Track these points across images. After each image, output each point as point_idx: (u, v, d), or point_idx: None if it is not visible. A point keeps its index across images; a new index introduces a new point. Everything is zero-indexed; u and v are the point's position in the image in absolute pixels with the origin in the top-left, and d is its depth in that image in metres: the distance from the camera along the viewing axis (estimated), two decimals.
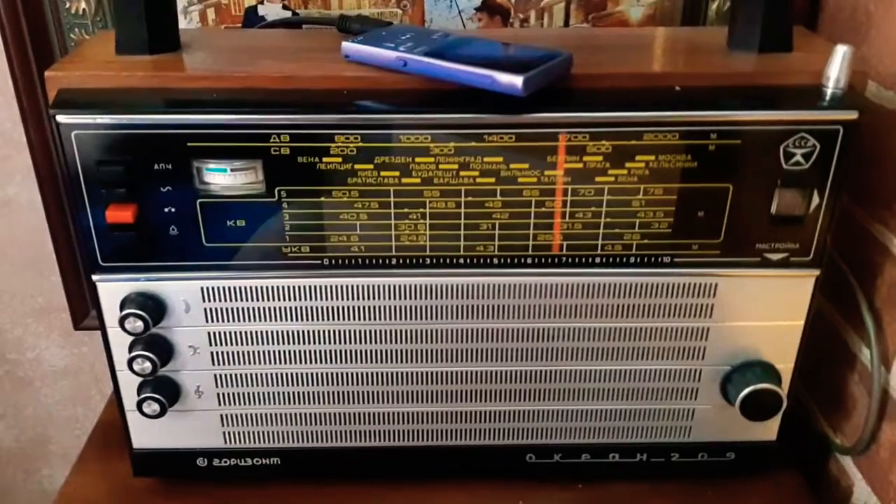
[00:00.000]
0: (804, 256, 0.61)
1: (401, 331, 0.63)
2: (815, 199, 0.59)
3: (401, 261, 0.61)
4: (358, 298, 0.62)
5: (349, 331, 0.63)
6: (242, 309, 0.62)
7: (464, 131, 0.56)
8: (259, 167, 0.57)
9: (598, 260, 0.61)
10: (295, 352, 0.64)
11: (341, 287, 0.61)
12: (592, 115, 0.55)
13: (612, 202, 0.58)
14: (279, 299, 0.62)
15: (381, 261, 0.61)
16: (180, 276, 0.60)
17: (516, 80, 0.52)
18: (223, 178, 0.57)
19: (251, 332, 0.63)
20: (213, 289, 0.61)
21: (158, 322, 0.61)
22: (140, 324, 0.60)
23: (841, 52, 0.55)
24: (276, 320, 0.62)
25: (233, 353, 0.64)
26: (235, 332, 0.63)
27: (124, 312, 0.60)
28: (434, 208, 0.59)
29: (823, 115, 0.56)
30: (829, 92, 0.56)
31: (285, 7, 0.78)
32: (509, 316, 0.63)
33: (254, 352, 0.64)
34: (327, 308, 0.62)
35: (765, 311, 0.63)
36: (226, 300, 0.62)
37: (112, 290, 0.61)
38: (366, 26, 0.64)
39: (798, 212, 0.59)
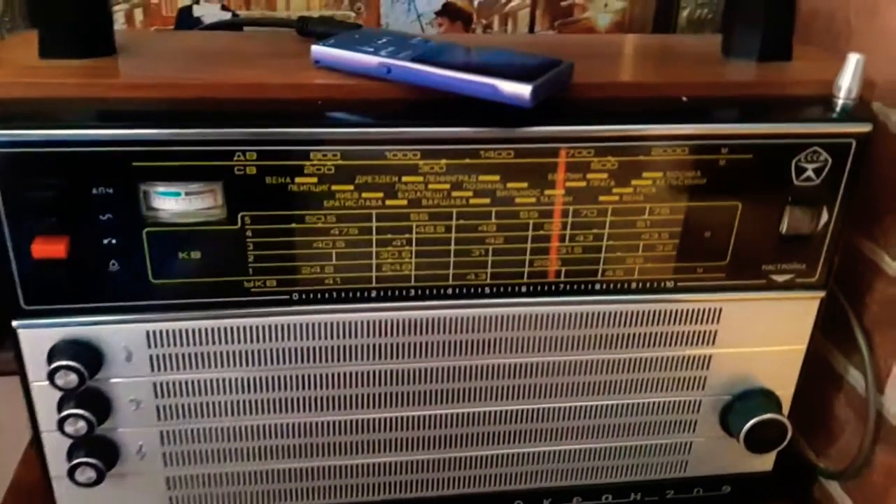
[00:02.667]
0: (810, 278, 0.57)
1: (379, 372, 0.56)
2: (825, 217, 0.55)
3: (381, 293, 0.53)
4: (331, 337, 0.54)
5: (321, 375, 0.55)
6: (195, 355, 0.53)
7: (458, 146, 0.49)
8: (219, 190, 0.49)
9: (598, 287, 0.55)
10: (257, 401, 0.55)
11: (312, 325, 0.54)
12: (601, 128, 0.50)
13: (616, 223, 0.53)
14: (240, 342, 0.53)
15: (358, 294, 0.53)
16: (122, 318, 0.51)
17: (523, 90, 0.46)
18: (176, 204, 0.49)
19: (205, 381, 0.54)
20: (160, 332, 0.52)
21: (95, 373, 0.52)
22: (73, 377, 0.50)
23: (853, 60, 0.52)
24: (235, 366, 0.54)
25: (183, 405, 0.55)
26: (186, 382, 0.54)
27: (54, 365, 0.50)
28: (421, 233, 0.52)
29: (837, 128, 0.52)
30: (840, 103, 0.53)
31: (224, 8, 0.70)
32: (501, 350, 0.56)
33: (208, 403, 0.55)
34: (296, 350, 0.54)
35: (768, 336, 0.59)
36: (176, 345, 0.53)
37: (38, 337, 0.51)
38: (331, 29, 0.56)
39: (807, 230, 0.55)
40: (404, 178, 0.50)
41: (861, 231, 0.66)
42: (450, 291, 0.54)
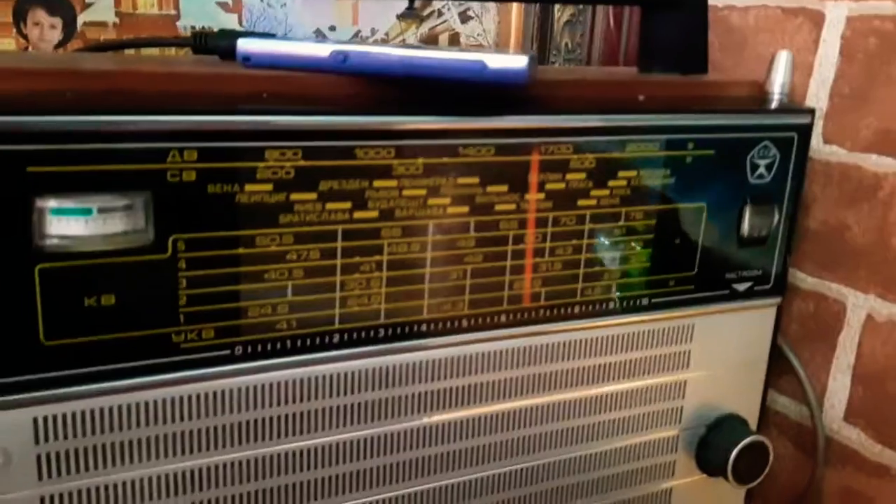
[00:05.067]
0: (766, 284, 0.55)
1: (344, 445, 0.44)
2: (776, 217, 0.54)
3: (345, 337, 0.43)
4: (285, 403, 0.42)
5: (277, 456, 0.42)
6: (104, 447, 0.38)
7: (437, 141, 0.42)
8: (142, 205, 0.37)
9: (577, 309, 0.49)
10: None
11: (260, 389, 0.41)
12: (583, 117, 0.45)
13: (594, 232, 0.48)
14: (166, 421, 0.39)
15: (318, 340, 0.42)
16: None
17: (518, 62, 0.40)
18: (83, 227, 0.36)
19: (119, 486, 0.39)
20: (53, 419, 0.37)
21: None
22: None
23: (783, 57, 0.53)
24: (160, 458, 0.40)
25: None
26: (91, 490, 0.38)
27: None
28: (393, 253, 0.43)
29: (783, 120, 0.52)
30: (776, 97, 0.53)
31: None
32: (484, 398, 0.47)
33: None
34: (240, 425, 0.41)
35: (733, 352, 0.56)
36: (76, 435, 0.38)
37: None
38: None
39: (764, 231, 0.54)
40: (376, 183, 0.41)
41: None
42: (424, 328, 0.45)
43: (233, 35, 0.48)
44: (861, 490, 0.62)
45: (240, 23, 0.65)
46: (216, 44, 0.48)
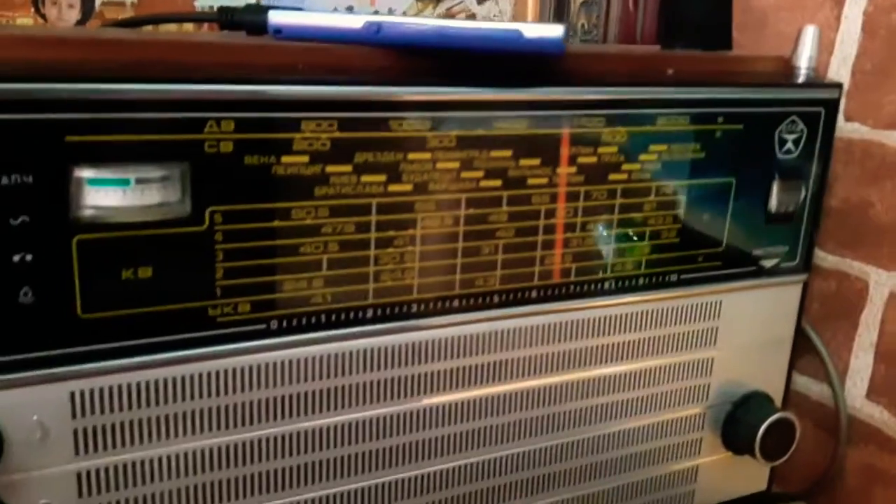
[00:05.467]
0: (791, 261, 0.55)
1: (377, 420, 0.44)
2: (803, 193, 0.54)
3: (379, 312, 0.42)
4: (319, 378, 0.42)
5: (307, 432, 0.42)
6: (141, 422, 0.38)
7: (471, 113, 0.42)
8: (179, 176, 0.36)
9: (606, 285, 0.49)
10: (232, 481, 0.40)
11: (295, 363, 0.41)
12: (615, 89, 0.45)
13: (625, 207, 0.48)
14: (202, 396, 0.39)
15: (352, 315, 0.42)
16: (35, 375, 0.35)
17: (555, 31, 0.40)
18: (121, 197, 0.35)
19: (155, 462, 0.39)
20: (91, 393, 0.37)
21: None
22: None
23: (810, 31, 0.53)
24: (196, 433, 0.39)
25: (119, 502, 0.38)
26: (128, 466, 0.38)
27: None
28: (427, 228, 0.42)
29: (812, 94, 0.52)
30: (803, 72, 0.53)
31: None
32: (513, 374, 0.47)
33: (160, 494, 0.39)
34: (272, 401, 0.41)
35: (760, 330, 0.56)
36: (113, 410, 0.37)
37: None
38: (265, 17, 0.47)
39: (791, 207, 0.54)
40: (410, 156, 0.41)
41: None
42: (455, 303, 0.44)
43: (260, 10, 0.48)
44: (884, 468, 0.62)
45: (258, 3, 0.64)
46: (244, 18, 0.47)
